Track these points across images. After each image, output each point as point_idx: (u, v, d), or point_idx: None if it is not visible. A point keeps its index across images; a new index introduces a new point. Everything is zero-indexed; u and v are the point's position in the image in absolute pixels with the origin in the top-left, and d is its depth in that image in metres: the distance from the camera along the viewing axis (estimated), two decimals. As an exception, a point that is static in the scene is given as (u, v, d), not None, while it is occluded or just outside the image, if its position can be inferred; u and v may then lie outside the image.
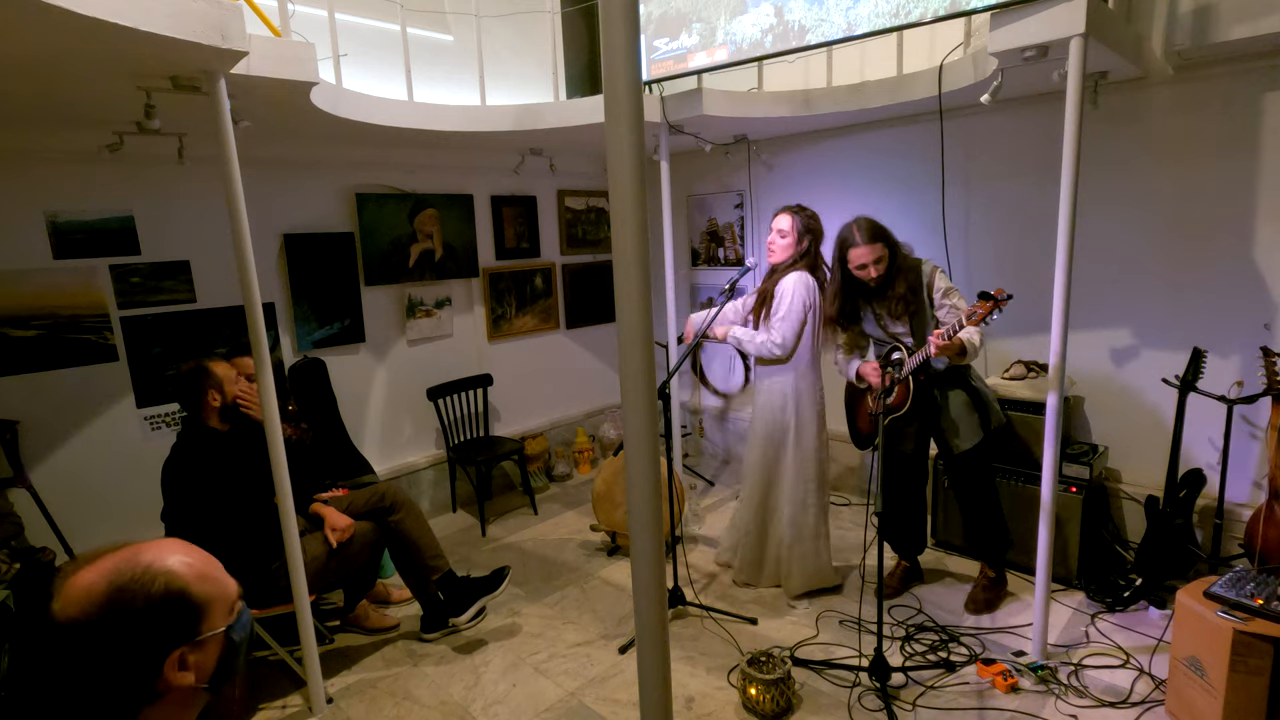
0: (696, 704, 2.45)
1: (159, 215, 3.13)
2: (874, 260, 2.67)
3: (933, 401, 2.79)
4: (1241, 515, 2.85)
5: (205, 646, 0.84)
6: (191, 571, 0.84)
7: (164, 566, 0.82)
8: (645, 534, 1.01)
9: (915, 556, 3.14)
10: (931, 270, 2.70)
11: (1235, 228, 2.81)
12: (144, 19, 1.68)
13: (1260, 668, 1.99)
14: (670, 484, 3.02)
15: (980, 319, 2.29)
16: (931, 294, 2.69)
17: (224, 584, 0.88)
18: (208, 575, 0.86)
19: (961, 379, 2.78)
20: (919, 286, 2.69)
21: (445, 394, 4.09)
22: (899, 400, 2.74)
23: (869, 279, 2.71)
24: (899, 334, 2.77)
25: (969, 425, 2.75)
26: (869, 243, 2.66)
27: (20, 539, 2.68)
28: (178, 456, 2.45)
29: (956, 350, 2.53)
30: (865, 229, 2.68)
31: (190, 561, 0.85)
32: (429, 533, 2.83)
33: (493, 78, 3.64)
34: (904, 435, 2.87)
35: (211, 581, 0.86)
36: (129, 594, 0.78)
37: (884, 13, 2.56)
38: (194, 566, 0.85)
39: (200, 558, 0.87)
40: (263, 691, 2.61)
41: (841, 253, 2.74)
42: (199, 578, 0.84)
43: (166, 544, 0.86)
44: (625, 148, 0.91)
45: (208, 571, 0.86)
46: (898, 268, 2.70)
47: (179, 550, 0.85)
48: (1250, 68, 2.69)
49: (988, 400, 2.79)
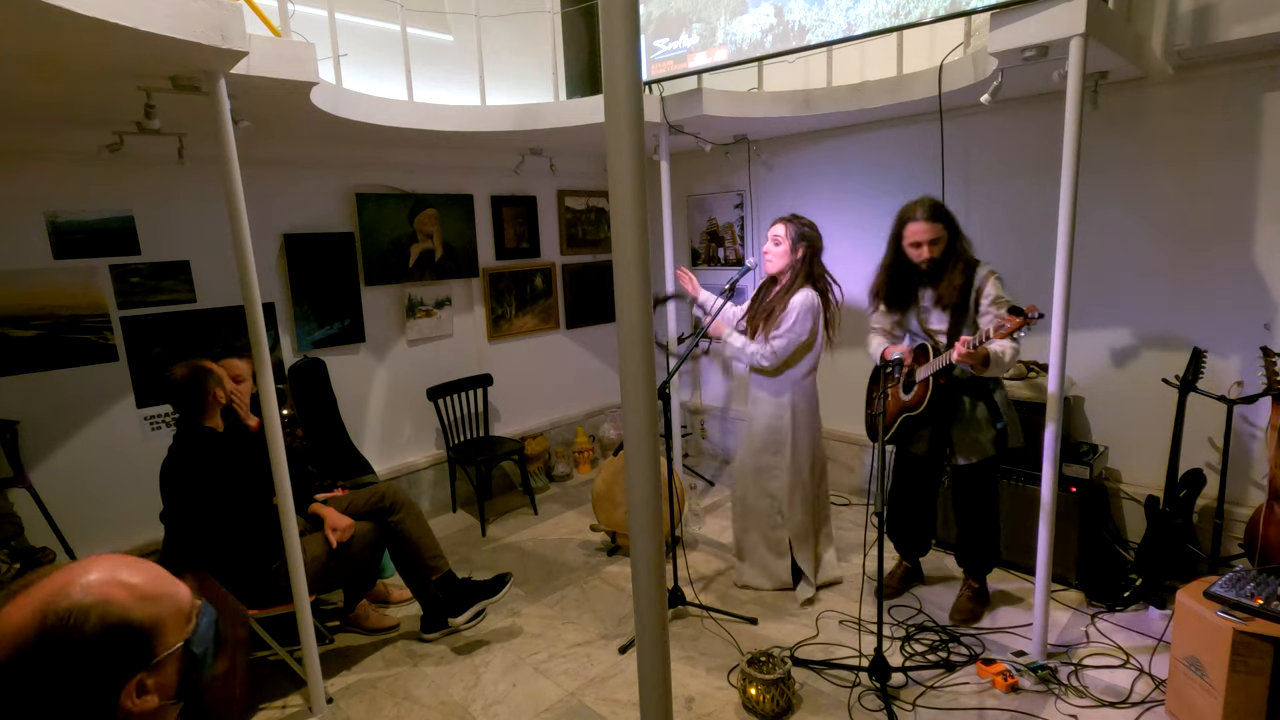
0: (696, 704, 2.45)
1: (159, 215, 3.13)
2: (930, 240, 2.55)
3: (952, 406, 2.68)
4: (1241, 515, 2.85)
5: (163, 667, 0.78)
6: (131, 595, 0.76)
7: (97, 596, 0.74)
8: (645, 534, 1.01)
9: (917, 558, 3.13)
10: (986, 274, 2.56)
11: (1235, 227, 2.81)
12: (144, 19, 1.68)
13: (1260, 668, 1.99)
14: (670, 484, 3.02)
15: (1008, 333, 2.23)
16: (980, 298, 2.55)
17: (173, 597, 0.81)
18: (151, 594, 0.78)
19: (986, 391, 2.66)
20: (969, 286, 2.57)
21: (445, 394, 4.09)
22: (916, 400, 2.67)
23: (921, 260, 2.59)
24: (937, 331, 2.67)
25: (981, 439, 2.65)
26: (929, 220, 2.55)
27: (20, 539, 2.68)
28: (175, 458, 2.45)
29: (980, 360, 2.41)
30: (928, 206, 2.57)
31: (131, 583, 0.77)
32: (429, 533, 2.83)
33: (493, 78, 3.64)
34: (916, 436, 2.79)
35: (157, 600, 0.78)
36: (62, 632, 0.72)
37: (884, 13, 2.56)
38: (133, 588, 0.77)
39: (142, 574, 0.79)
40: (263, 691, 2.61)
41: (899, 227, 2.64)
42: (141, 600, 0.77)
43: (103, 564, 0.78)
44: (625, 148, 0.91)
45: (150, 589, 0.79)
46: (956, 256, 2.58)
47: (119, 570, 0.78)
48: (1250, 68, 2.69)
49: (1009, 419, 2.66)
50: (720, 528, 3.79)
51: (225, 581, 2.42)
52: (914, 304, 2.72)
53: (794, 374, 2.93)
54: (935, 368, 2.55)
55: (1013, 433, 2.67)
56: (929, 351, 2.62)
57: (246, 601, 2.45)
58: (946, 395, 2.66)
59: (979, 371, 2.49)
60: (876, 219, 3.86)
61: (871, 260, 3.89)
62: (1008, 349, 2.43)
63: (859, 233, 3.94)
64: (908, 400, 2.71)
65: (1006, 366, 2.49)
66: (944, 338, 2.64)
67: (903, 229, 2.63)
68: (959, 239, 2.61)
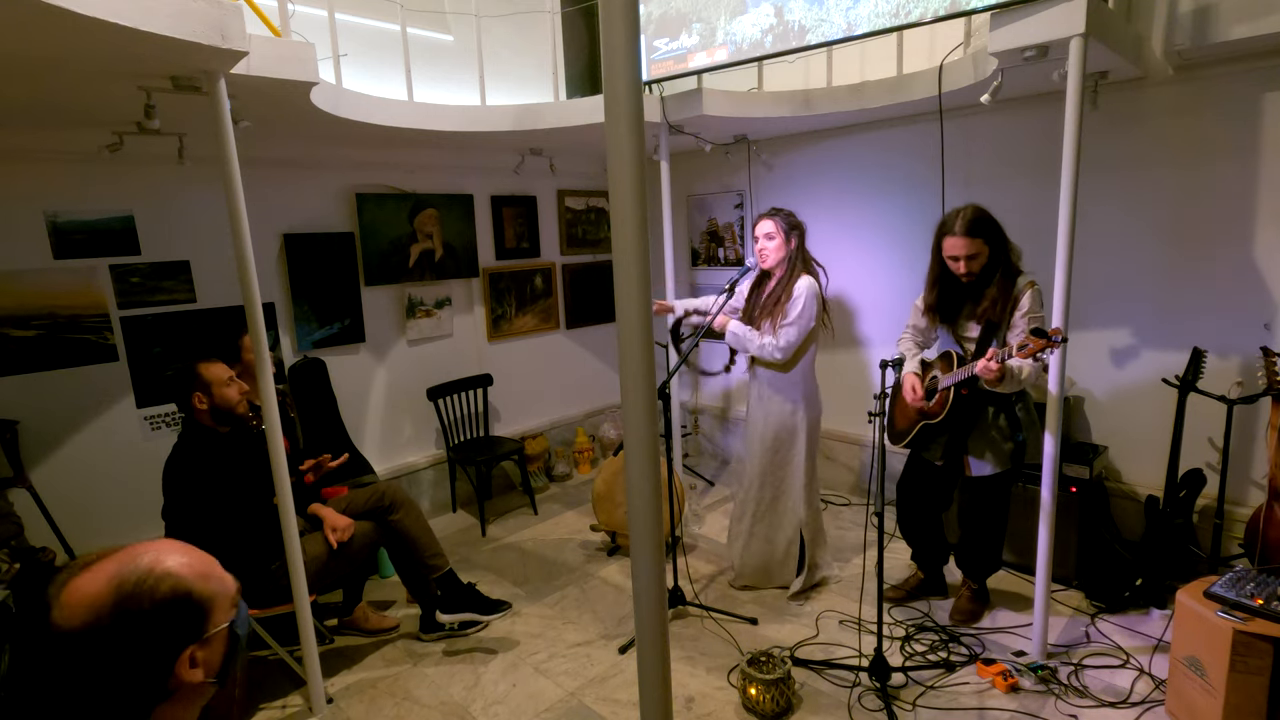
0: (696, 704, 2.45)
1: (159, 215, 3.13)
2: (967, 255, 2.45)
3: (973, 416, 2.61)
4: (1241, 515, 2.85)
5: (212, 643, 0.85)
6: (192, 571, 0.84)
7: (166, 569, 0.82)
8: (645, 534, 1.01)
9: (938, 568, 3.01)
10: (1025, 285, 2.46)
11: (1235, 227, 2.81)
12: (145, 19, 1.68)
13: (1260, 668, 1.99)
14: (670, 484, 3.02)
15: (1029, 354, 2.19)
16: (1014, 309, 2.47)
17: (224, 580, 0.89)
18: (208, 574, 0.86)
19: (1008, 402, 2.58)
20: (1007, 298, 2.47)
21: (445, 394, 4.09)
22: (936, 408, 2.62)
23: (960, 274, 2.50)
24: (967, 339, 2.59)
25: (996, 452, 2.58)
26: (965, 235, 2.43)
27: (20, 539, 2.68)
28: (178, 456, 2.45)
29: (998, 376, 2.34)
30: (966, 219, 2.44)
31: (189, 561, 0.85)
32: (429, 532, 2.83)
33: (493, 78, 3.64)
34: (933, 444, 2.73)
35: (213, 579, 0.86)
36: (136, 599, 0.78)
37: (884, 13, 2.56)
38: (194, 566, 0.85)
39: (198, 557, 0.87)
40: (263, 691, 2.61)
41: (938, 238, 2.55)
42: (200, 577, 0.85)
43: (163, 545, 0.86)
44: (625, 148, 0.91)
45: (208, 570, 0.87)
46: (999, 269, 2.48)
47: (177, 551, 0.85)
48: (1250, 68, 2.69)
49: (1030, 433, 2.59)
50: (720, 527, 3.79)
51: (225, 581, 2.42)
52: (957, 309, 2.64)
53: (801, 368, 2.92)
54: (958, 378, 2.50)
55: (1032, 446, 2.57)
56: (954, 360, 2.58)
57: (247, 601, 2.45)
58: (968, 405, 2.60)
59: (996, 387, 2.40)
60: (876, 219, 3.88)
61: (872, 260, 3.94)
62: (1026, 366, 2.35)
63: (859, 232, 3.94)
64: (928, 408, 2.65)
65: (1022, 383, 2.42)
66: (972, 345, 2.58)
67: (941, 241, 2.54)
68: (1003, 251, 2.49)
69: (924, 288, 2.71)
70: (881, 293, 3.91)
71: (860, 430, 4.13)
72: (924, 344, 2.83)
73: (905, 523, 2.98)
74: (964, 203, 2.55)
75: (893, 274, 3.82)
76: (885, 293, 3.88)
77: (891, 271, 3.82)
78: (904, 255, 3.71)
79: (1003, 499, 2.71)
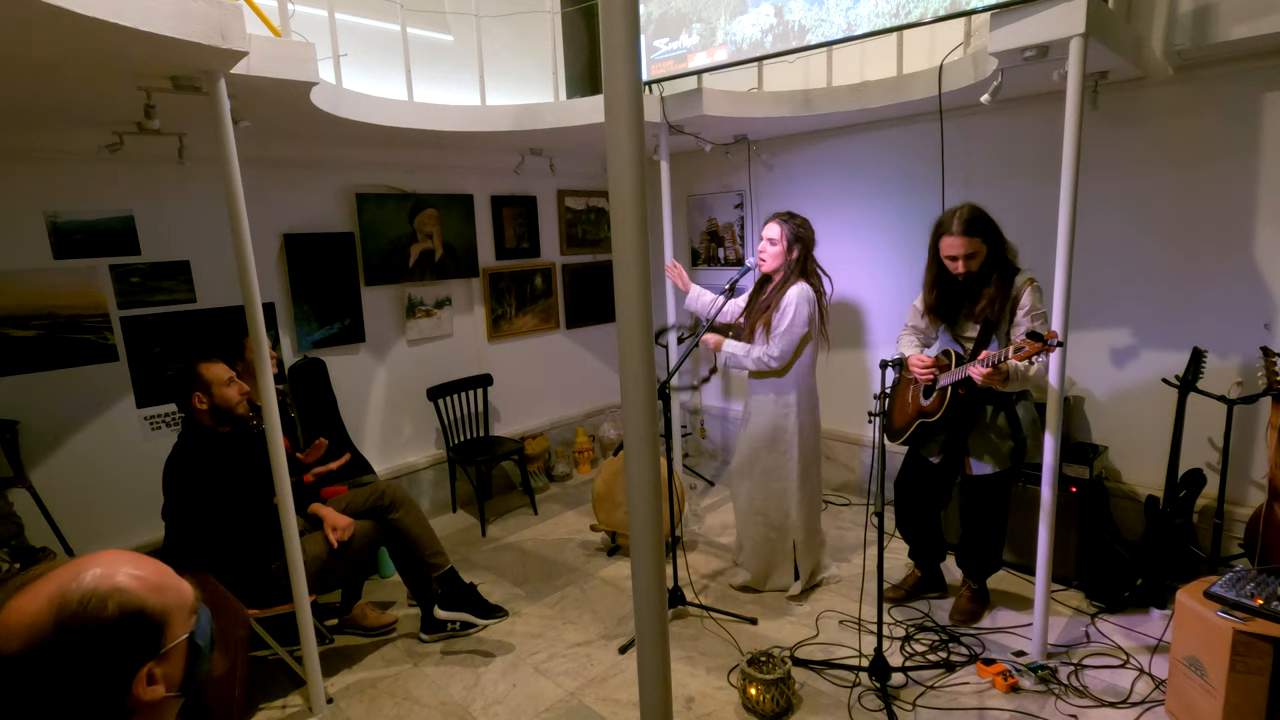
0: (696, 704, 2.45)
1: (159, 215, 3.13)
2: (965, 254, 2.45)
3: (972, 415, 2.61)
4: (1241, 515, 2.85)
5: (170, 657, 0.80)
6: (143, 585, 0.78)
7: (113, 584, 0.76)
8: (645, 534, 1.01)
9: (935, 564, 3.02)
10: (1025, 282, 2.46)
11: (1235, 227, 2.81)
12: (145, 19, 1.68)
13: (1260, 668, 1.99)
14: (670, 484, 3.02)
15: (1025, 357, 2.19)
16: (1015, 308, 2.47)
17: (180, 590, 0.83)
18: (161, 585, 0.80)
19: (1008, 401, 2.58)
20: (1005, 297, 2.47)
21: (445, 394, 4.09)
22: (934, 407, 2.62)
23: (957, 273, 2.50)
24: (967, 338, 2.59)
25: (996, 451, 2.58)
26: (963, 234, 2.43)
27: (20, 539, 2.68)
28: (178, 456, 2.45)
29: (1001, 378, 2.35)
30: (963, 218, 2.44)
31: (139, 574, 0.79)
32: (429, 530, 2.83)
33: (493, 78, 3.64)
34: (931, 442, 2.74)
35: (167, 591, 0.81)
36: (80, 618, 0.73)
37: (884, 13, 2.56)
38: (145, 579, 0.79)
39: (150, 567, 0.81)
40: (263, 691, 2.61)
41: (935, 238, 2.55)
42: (153, 589, 0.79)
43: (110, 557, 0.79)
44: (625, 148, 0.91)
45: (160, 581, 0.81)
46: (995, 268, 2.48)
47: (126, 563, 0.79)
48: (1250, 68, 2.69)
49: (1030, 433, 2.57)
50: (720, 528, 3.80)
51: (225, 581, 2.42)
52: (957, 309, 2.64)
53: (797, 372, 2.92)
54: (954, 378, 2.50)
55: (1033, 446, 2.56)
56: (953, 359, 2.58)
57: (246, 601, 2.45)
58: (966, 404, 2.59)
59: (1000, 387, 2.39)
60: (876, 219, 3.88)
61: (872, 260, 3.94)
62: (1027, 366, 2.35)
63: (859, 232, 3.94)
64: (925, 406, 2.65)
65: (1029, 380, 2.40)
66: (972, 345, 2.57)
67: (938, 240, 2.54)
68: (1000, 249, 2.49)
69: (922, 289, 2.71)
70: (881, 292, 3.91)
71: (860, 430, 4.13)
72: (925, 343, 2.83)
73: (903, 519, 2.98)
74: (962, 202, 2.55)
75: (893, 274, 3.82)
76: (885, 293, 3.88)
77: (891, 271, 3.83)
78: (904, 255, 3.71)
79: (1003, 498, 2.71)
